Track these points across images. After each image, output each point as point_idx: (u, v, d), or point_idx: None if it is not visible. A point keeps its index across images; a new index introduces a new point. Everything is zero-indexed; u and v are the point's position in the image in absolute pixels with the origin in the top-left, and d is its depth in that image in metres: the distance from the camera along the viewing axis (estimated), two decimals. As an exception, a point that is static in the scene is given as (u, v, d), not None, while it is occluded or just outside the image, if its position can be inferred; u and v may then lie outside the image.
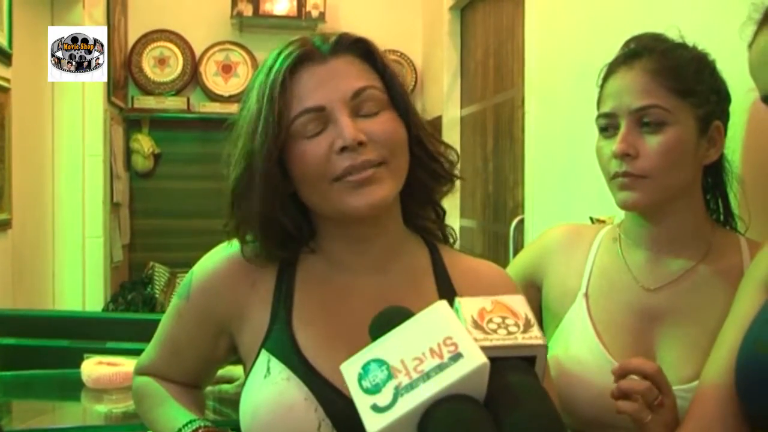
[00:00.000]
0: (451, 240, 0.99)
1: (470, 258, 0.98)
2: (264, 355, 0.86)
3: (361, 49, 0.89)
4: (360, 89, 0.85)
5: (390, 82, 0.89)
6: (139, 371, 1.04)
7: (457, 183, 0.96)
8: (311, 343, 0.86)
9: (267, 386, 0.83)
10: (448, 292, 0.90)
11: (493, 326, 0.63)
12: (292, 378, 0.83)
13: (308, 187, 0.86)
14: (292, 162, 0.85)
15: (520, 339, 0.63)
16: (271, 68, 0.86)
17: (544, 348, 0.64)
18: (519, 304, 0.66)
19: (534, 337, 0.63)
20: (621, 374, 0.93)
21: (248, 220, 0.87)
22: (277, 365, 0.84)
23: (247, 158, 0.85)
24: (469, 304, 0.66)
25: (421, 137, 0.90)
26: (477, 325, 0.63)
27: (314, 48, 0.87)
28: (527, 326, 0.64)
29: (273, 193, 0.85)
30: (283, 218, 0.87)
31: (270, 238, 0.88)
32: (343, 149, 0.82)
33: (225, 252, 0.94)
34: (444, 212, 0.99)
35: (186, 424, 0.90)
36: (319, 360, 0.85)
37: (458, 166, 0.95)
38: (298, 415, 0.81)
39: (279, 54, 0.87)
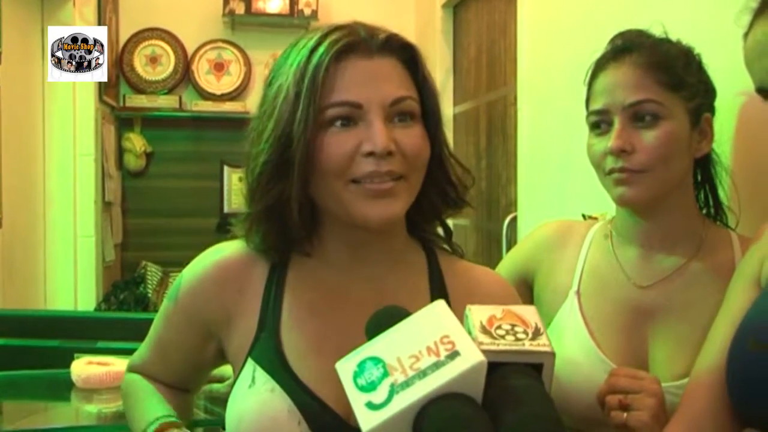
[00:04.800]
0: (459, 253, 0.97)
1: (470, 265, 0.96)
2: (250, 363, 0.85)
3: (407, 55, 0.86)
4: (400, 98, 0.83)
5: (426, 95, 0.87)
6: (131, 369, 1.04)
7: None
8: (298, 352, 0.85)
9: (251, 396, 0.82)
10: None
11: (501, 332, 0.64)
12: (276, 389, 0.82)
13: (322, 180, 0.82)
14: (313, 150, 0.81)
15: (527, 345, 0.63)
16: (314, 50, 0.82)
17: (552, 356, 0.63)
18: (530, 313, 0.67)
19: (542, 344, 0.63)
20: (601, 402, 0.95)
21: (276, 206, 0.84)
22: (262, 375, 0.83)
23: (281, 141, 0.81)
24: (479, 311, 0.66)
25: (442, 157, 0.89)
26: (485, 331, 0.63)
27: (361, 40, 0.83)
28: (536, 334, 0.64)
29: (302, 181, 0.82)
30: (298, 205, 0.83)
31: (286, 226, 0.85)
32: (370, 154, 0.80)
33: (214, 256, 0.92)
34: (451, 232, 0.97)
35: (159, 417, 0.90)
36: (306, 370, 0.83)
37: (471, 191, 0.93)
38: (281, 427, 0.80)
39: (324, 36, 0.83)
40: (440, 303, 0.65)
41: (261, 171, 0.83)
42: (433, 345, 0.59)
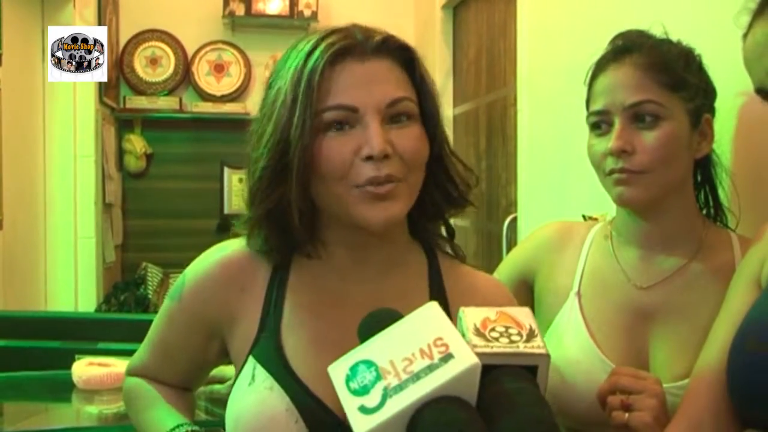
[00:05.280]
0: (461, 256, 0.96)
1: (471, 270, 0.96)
2: (251, 361, 0.85)
3: (403, 56, 0.86)
4: (396, 99, 0.83)
5: (425, 96, 0.87)
6: (131, 372, 1.03)
7: None
8: (298, 351, 0.85)
9: (250, 394, 0.83)
10: (439, 303, 0.88)
11: (495, 335, 0.63)
12: (275, 387, 0.82)
13: (323, 184, 0.83)
14: (311, 155, 0.82)
15: (522, 347, 0.62)
16: (310, 54, 0.82)
17: (547, 358, 0.63)
18: (524, 315, 0.66)
19: (536, 346, 0.62)
20: (602, 401, 0.94)
21: (276, 210, 0.84)
22: (261, 373, 0.84)
23: (280, 146, 0.82)
24: (472, 314, 0.65)
25: (442, 156, 0.89)
26: (479, 333, 0.63)
27: (357, 43, 0.83)
28: (530, 336, 0.63)
29: (301, 185, 0.82)
30: (299, 211, 0.84)
31: (287, 229, 0.85)
32: (369, 158, 0.80)
33: (217, 255, 0.92)
34: (454, 232, 0.97)
35: (173, 428, 0.90)
36: (305, 370, 0.84)
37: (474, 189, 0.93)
38: (279, 426, 0.80)
39: (321, 40, 0.83)
40: (433, 305, 0.64)
41: (261, 175, 0.84)
42: (427, 347, 0.59)
